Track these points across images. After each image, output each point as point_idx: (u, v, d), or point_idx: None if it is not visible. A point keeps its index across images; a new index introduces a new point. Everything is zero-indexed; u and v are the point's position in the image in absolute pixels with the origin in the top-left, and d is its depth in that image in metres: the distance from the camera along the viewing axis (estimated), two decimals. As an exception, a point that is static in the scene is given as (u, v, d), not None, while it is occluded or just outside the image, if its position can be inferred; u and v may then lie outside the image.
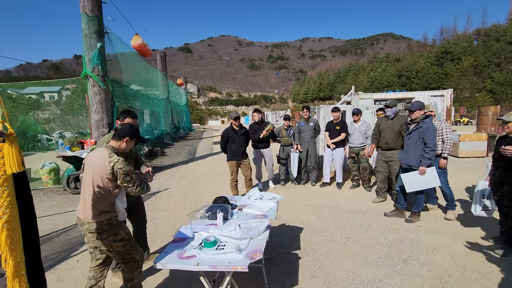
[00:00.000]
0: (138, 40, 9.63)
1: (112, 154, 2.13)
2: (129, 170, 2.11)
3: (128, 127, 2.30)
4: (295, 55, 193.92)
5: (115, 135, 2.26)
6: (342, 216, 4.40)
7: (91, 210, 2.10)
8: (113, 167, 2.07)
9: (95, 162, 2.14)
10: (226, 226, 2.28)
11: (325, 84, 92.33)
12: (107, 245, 2.18)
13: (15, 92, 28.60)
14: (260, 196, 3.13)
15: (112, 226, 2.18)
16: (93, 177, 2.11)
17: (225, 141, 5.17)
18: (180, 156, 11.16)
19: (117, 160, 2.09)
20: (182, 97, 24.02)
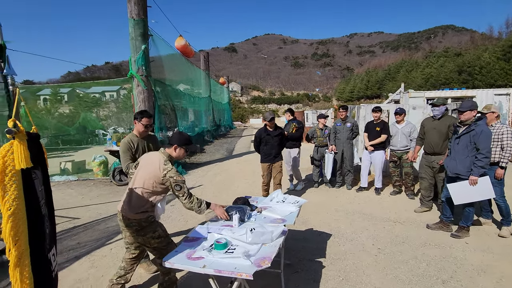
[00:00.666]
0: (181, 41, 10.08)
1: (167, 161, 2.23)
2: (180, 180, 2.19)
3: (177, 134, 2.38)
4: (341, 52, 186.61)
5: (167, 145, 2.36)
6: (376, 224, 4.06)
7: (134, 208, 2.23)
8: (166, 175, 2.17)
9: (150, 166, 2.25)
10: (240, 229, 2.22)
11: (373, 82, 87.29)
12: (145, 242, 2.31)
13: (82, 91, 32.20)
14: (283, 199, 3.01)
15: (150, 223, 2.30)
16: (144, 178, 2.24)
17: (258, 142, 4.93)
18: (217, 154, 11.45)
19: (170, 169, 2.19)
20: (224, 96, 24.66)
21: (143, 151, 3.01)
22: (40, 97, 30.66)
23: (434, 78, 59.93)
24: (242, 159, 9.96)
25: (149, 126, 2.99)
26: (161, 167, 2.18)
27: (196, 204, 2.25)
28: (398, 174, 5.46)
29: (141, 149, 2.99)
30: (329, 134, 5.91)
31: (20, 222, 1.21)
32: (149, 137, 3.14)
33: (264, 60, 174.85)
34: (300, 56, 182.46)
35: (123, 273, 2.48)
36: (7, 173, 1.47)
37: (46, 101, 30.79)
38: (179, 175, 2.20)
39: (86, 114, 17.12)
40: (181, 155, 2.37)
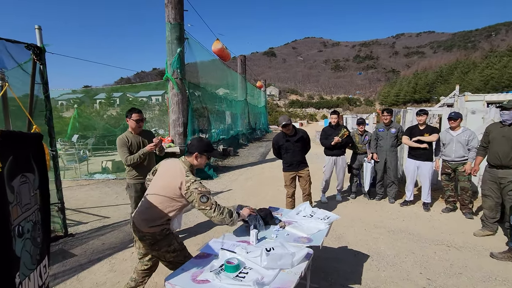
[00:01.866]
0: (218, 44, 10.13)
1: (189, 172, 2.04)
2: (206, 191, 1.96)
3: (196, 141, 2.18)
4: (386, 54, 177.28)
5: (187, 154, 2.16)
6: (425, 248, 3.45)
7: (147, 221, 2.04)
8: (189, 187, 1.95)
9: (169, 176, 2.06)
10: (256, 248, 1.91)
11: (422, 85, 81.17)
12: (160, 256, 2.13)
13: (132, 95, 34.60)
14: (311, 213, 2.64)
15: (165, 236, 2.09)
16: (161, 189, 2.05)
17: (276, 149, 4.42)
18: (251, 157, 11.27)
19: (194, 180, 1.97)
20: (260, 99, 24.59)
21: (138, 146, 3.29)
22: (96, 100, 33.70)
23: (495, 80, 53.96)
24: (275, 164, 9.63)
25: (140, 121, 3.27)
26: (183, 179, 1.97)
27: (227, 215, 2.00)
28: (452, 188, 4.71)
29: (136, 144, 3.28)
30: (369, 140, 5.35)
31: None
32: (144, 133, 3.43)
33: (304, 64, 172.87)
34: (341, 59, 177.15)
35: (133, 285, 2.31)
36: None
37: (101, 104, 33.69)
38: (204, 186, 1.98)
39: (131, 117, 18.20)
40: (203, 163, 2.18)
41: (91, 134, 13.96)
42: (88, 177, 7.64)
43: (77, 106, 14.65)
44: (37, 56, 3.80)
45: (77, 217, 4.67)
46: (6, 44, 3.21)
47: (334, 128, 5.14)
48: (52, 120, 3.91)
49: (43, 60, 3.77)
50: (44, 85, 3.79)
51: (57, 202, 3.83)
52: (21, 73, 4.20)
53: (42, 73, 3.80)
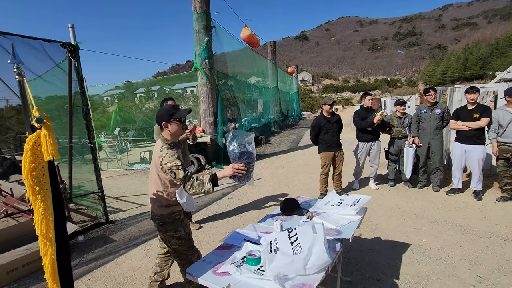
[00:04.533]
0: (246, 31, 9.97)
1: (163, 146, 1.94)
2: (174, 166, 1.83)
3: (160, 110, 2.04)
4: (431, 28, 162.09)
5: (160, 129, 2.08)
6: (476, 241, 3.09)
7: (155, 201, 2.08)
8: (161, 162, 1.88)
9: (154, 154, 2.08)
10: (283, 236, 1.79)
11: (474, 60, 73.13)
12: (165, 239, 2.15)
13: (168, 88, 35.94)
14: (339, 201, 2.46)
15: (173, 221, 2.10)
16: (153, 167, 2.07)
17: (316, 131, 4.57)
18: (282, 145, 11.11)
19: (165, 154, 1.88)
20: (292, 86, 24.03)
21: None
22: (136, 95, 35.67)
23: None
24: (308, 151, 9.38)
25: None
26: (157, 156, 1.92)
27: (198, 187, 1.79)
28: (511, 175, 4.15)
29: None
30: (409, 123, 4.90)
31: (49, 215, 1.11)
32: None
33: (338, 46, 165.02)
34: (379, 37, 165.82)
35: (159, 270, 2.39)
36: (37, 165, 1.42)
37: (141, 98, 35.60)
38: (173, 160, 1.83)
39: (166, 108, 18.94)
40: (177, 131, 1.99)
41: (131, 127, 14.82)
42: (129, 167, 8.11)
43: (117, 101, 15.56)
44: (71, 54, 4.01)
45: (117, 205, 4.98)
46: (43, 43, 3.40)
47: (368, 111, 4.78)
48: (89, 114, 4.13)
49: (77, 57, 3.96)
50: (79, 81, 4.00)
51: (98, 191, 4.09)
52: (59, 72, 4.49)
53: (77, 69, 4.00)
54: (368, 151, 4.90)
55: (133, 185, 6.31)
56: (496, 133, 4.13)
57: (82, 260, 3.18)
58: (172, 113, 1.97)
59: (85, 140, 3.99)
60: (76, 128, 4.60)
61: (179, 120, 1.99)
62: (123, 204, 5.00)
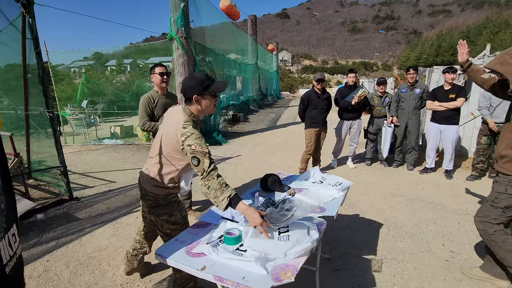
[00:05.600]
0: (226, 1, 9.36)
1: (187, 123, 1.60)
2: (201, 151, 1.53)
3: (189, 81, 1.64)
4: (408, 13, 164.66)
5: (185, 99, 1.68)
6: (448, 218, 3.18)
7: (151, 180, 1.76)
8: (183, 142, 1.57)
9: (169, 125, 1.69)
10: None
11: (446, 47, 75.87)
12: (157, 223, 1.86)
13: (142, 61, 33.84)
14: (321, 179, 2.37)
15: (169, 203, 1.82)
16: (162, 143, 1.71)
17: (304, 105, 4.39)
18: (261, 123, 10.94)
19: (190, 134, 1.56)
20: (272, 64, 23.54)
21: (163, 108, 2.77)
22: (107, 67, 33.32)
23: (528, 41, 49.54)
24: (287, 129, 9.31)
25: (164, 74, 2.78)
26: (179, 131, 1.57)
27: (213, 192, 1.50)
28: (487, 153, 4.31)
29: (161, 106, 2.80)
30: (389, 103, 4.89)
31: None
32: (170, 95, 2.96)
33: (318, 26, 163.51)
34: (359, 19, 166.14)
35: (139, 246, 2.16)
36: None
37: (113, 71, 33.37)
38: (201, 144, 1.54)
39: (140, 82, 17.89)
40: (210, 105, 1.68)
41: (100, 100, 13.87)
42: (97, 142, 7.59)
43: (84, 72, 14.39)
44: (25, 9, 3.46)
45: (84, 181, 4.62)
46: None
47: (350, 89, 4.69)
48: (47, 80, 3.66)
49: (32, 13, 3.42)
50: (34, 40, 3.48)
51: (59, 165, 3.71)
52: (15, 32, 3.90)
53: (31, 27, 3.47)
54: (349, 130, 4.86)
55: (102, 160, 5.89)
56: (488, 109, 4.17)
57: (41, 239, 2.89)
58: (207, 85, 1.61)
59: (42, 109, 3.55)
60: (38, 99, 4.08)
61: (215, 94, 1.68)
62: (89, 181, 4.65)
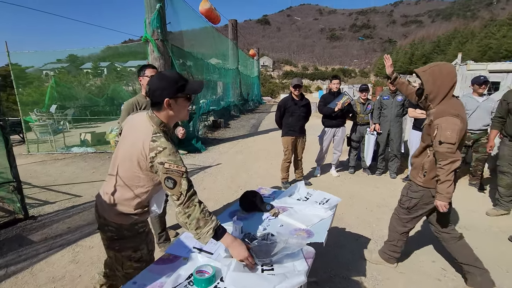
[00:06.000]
0: (206, 4, 9.11)
1: (157, 135, 1.29)
2: (177, 170, 1.24)
3: (158, 81, 1.32)
4: (383, 23, 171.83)
5: (152, 104, 1.37)
6: (434, 230, 3.07)
7: (112, 205, 1.41)
8: (154, 159, 1.26)
9: (133, 137, 1.36)
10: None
11: (419, 56, 79.58)
12: (117, 260, 1.50)
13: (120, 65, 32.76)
14: (306, 195, 2.16)
15: (136, 235, 1.48)
16: (124, 157, 1.38)
17: (281, 112, 4.23)
18: (242, 129, 10.70)
19: (162, 149, 1.25)
20: (253, 69, 23.47)
21: None
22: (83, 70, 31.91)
23: (493, 51, 53.00)
24: (268, 136, 9.13)
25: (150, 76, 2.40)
26: (146, 146, 1.26)
27: (194, 223, 1.24)
28: (463, 161, 4.32)
29: None
30: (372, 110, 4.82)
31: None
32: None
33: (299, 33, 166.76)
34: (337, 28, 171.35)
35: (104, 281, 1.83)
36: None
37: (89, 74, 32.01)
38: (176, 162, 1.25)
39: (116, 86, 17.11)
40: (183, 110, 1.39)
41: (72, 105, 13.08)
42: (65, 151, 7.02)
43: (53, 74, 13.55)
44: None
45: (44, 196, 4.15)
46: None
47: (334, 96, 4.57)
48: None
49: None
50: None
51: (12, 181, 3.27)
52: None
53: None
54: (333, 137, 4.72)
55: (68, 171, 5.40)
56: None
57: (-16, 270, 2.47)
58: (181, 85, 1.33)
59: (-10, 116, 3.11)
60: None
61: (190, 97, 1.39)
62: (51, 195, 4.18)
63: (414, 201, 2.11)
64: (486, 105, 3.93)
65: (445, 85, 1.87)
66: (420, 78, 1.94)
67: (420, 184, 2.06)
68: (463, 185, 4.39)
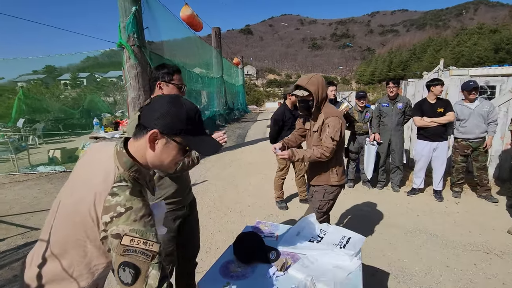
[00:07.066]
0: (187, 10, 8.66)
1: (122, 184, 0.81)
2: (143, 248, 0.74)
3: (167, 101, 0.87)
4: (362, 32, 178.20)
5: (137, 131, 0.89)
6: (460, 258, 2.65)
7: (41, 279, 0.87)
8: (108, 226, 0.76)
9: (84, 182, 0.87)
10: None
11: (397, 63, 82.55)
12: None
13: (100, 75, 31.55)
14: (319, 233, 1.67)
15: None
16: (66, 212, 0.86)
17: (279, 127, 3.69)
18: (229, 140, 10.15)
19: (125, 210, 0.76)
20: (238, 78, 23.12)
21: None
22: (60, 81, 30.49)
23: (465, 58, 55.65)
24: (257, 146, 8.65)
25: (182, 87, 1.69)
26: (100, 202, 0.79)
27: None
28: (464, 170, 4.03)
29: None
30: (370, 118, 4.45)
31: None
32: None
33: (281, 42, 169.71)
34: (318, 37, 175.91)
35: None
36: None
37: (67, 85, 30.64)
38: (145, 235, 0.76)
39: (93, 97, 16.18)
40: (168, 159, 0.89)
41: (43, 117, 12.11)
42: (29, 170, 6.22)
43: (22, 86, 12.58)
44: None
45: (-7, 231, 3.43)
46: None
47: (331, 103, 4.16)
48: None
49: None
50: None
51: None
52: None
53: None
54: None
55: (28, 196, 4.66)
56: (452, 129, 3.94)
57: None
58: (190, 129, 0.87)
59: None
60: None
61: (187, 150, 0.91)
62: (1, 230, 3.47)
63: (331, 202, 2.20)
64: (480, 111, 3.70)
65: (324, 90, 2.07)
66: (308, 90, 2.04)
67: (335, 184, 2.15)
68: (473, 197, 4.06)
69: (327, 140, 2.01)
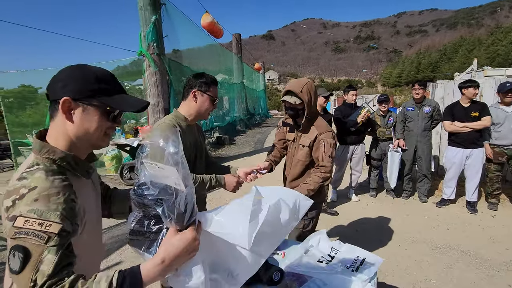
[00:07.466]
0: (207, 18, 8.81)
1: (33, 168, 0.72)
2: (36, 230, 0.62)
3: (68, 69, 0.80)
4: (387, 34, 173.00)
5: (50, 110, 0.81)
6: (496, 279, 2.35)
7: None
8: (9, 208, 0.66)
9: None
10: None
11: (426, 64, 78.94)
12: None
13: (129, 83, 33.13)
14: (330, 253, 1.51)
15: None
16: None
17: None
18: (247, 146, 10.11)
19: (28, 191, 0.67)
20: (259, 83, 23.18)
21: (191, 145, 1.61)
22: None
23: (501, 57, 52.15)
24: (276, 152, 8.52)
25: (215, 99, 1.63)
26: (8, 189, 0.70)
27: None
28: (500, 179, 3.64)
29: (191, 143, 1.61)
30: (394, 123, 4.17)
31: None
32: (199, 128, 1.82)
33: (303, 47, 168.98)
34: (342, 40, 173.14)
35: None
36: None
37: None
38: (45, 214, 0.64)
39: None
40: (91, 129, 0.79)
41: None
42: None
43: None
44: None
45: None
46: None
47: (351, 108, 3.96)
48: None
49: None
50: None
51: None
52: None
53: None
54: (351, 156, 4.07)
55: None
56: (488, 134, 3.57)
57: None
58: (104, 88, 0.80)
59: None
60: None
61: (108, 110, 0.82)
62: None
63: (315, 219, 2.11)
64: None
65: (316, 99, 1.94)
66: (301, 98, 1.84)
67: (318, 201, 1.98)
68: (511, 210, 3.65)
69: (325, 159, 1.90)
